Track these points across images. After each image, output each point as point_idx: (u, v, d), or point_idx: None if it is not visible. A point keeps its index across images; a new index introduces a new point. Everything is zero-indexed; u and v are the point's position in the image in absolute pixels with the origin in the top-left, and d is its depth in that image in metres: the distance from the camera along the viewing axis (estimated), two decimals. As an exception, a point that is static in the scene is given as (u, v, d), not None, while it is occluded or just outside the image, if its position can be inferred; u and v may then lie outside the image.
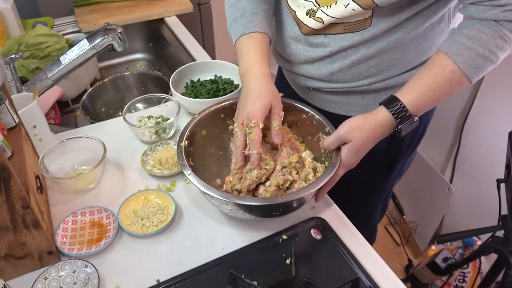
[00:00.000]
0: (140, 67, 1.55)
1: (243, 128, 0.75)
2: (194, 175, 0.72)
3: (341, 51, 0.82)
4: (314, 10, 0.79)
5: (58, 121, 1.18)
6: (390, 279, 0.70)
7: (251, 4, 0.85)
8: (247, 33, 0.82)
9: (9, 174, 0.59)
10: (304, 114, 0.84)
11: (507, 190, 1.13)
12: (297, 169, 0.78)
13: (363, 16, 0.76)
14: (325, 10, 0.77)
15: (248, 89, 0.77)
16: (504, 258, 1.12)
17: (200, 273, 0.71)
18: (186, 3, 1.59)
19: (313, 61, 0.87)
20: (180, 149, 0.77)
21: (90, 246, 0.75)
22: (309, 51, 0.86)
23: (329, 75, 0.86)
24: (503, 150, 1.23)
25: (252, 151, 0.74)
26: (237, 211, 0.72)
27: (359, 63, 0.82)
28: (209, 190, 0.69)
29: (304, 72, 0.90)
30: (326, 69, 0.85)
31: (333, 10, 0.75)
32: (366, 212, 1.14)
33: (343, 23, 0.78)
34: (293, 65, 0.92)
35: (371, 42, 0.79)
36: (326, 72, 0.86)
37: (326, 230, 0.77)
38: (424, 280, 1.56)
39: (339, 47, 0.81)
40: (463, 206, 1.66)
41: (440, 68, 0.71)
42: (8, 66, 1.00)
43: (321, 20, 0.78)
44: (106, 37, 1.04)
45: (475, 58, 0.69)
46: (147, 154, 0.93)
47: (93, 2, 1.55)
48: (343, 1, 0.73)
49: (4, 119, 0.75)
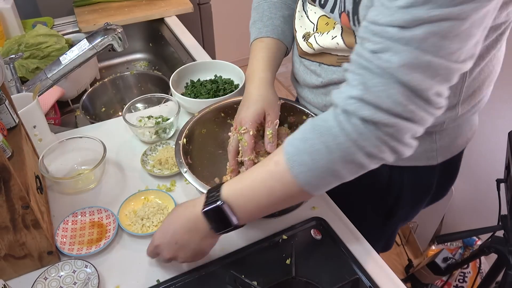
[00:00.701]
0: (140, 67, 1.55)
1: (235, 134, 0.76)
2: (190, 173, 0.72)
3: (332, 85, 0.76)
4: (309, 34, 0.76)
5: (58, 121, 1.18)
6: (390, 279, 0.70)
7: (270, 9, 0.85)
8: (260, 37, 0.83)
9: (9, 174, 0.59)
10: (305, 115, 0.84)
11: (507, 190, 1.13)
12: None
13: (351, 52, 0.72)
14: (317, 36, 0.74)
15: (246, 94, 0.78)
16: (504, 258, 1.12)
17: (200, 273, 0.71)
18: (186, 3, 1.59)
19: (310, 87, 0.83)
20: (178, 147, 0.77)
21: (90, 246, 0.75)
22: (306, 75, 0.82)
23: (323, 107, 0.81)
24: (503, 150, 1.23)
25: (244, 158, 0.76)
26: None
27: None
28: (204, 189, 0.69)
29: (305, 97, 0.86)
30: (321, 99, 0.81)
31: (323, 38, 0.72)
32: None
33: (337, 55, 0.73)
34: (298, 85, 0.89)
35: None
36: (321, 103, 0.81)
37: (326, 230, 0.77)
38: (424, 280, 1.56)
39: (329, 80, 0.76)
40: (463, 206, 1.66)
41: (270, 156, 0.60)
42: (8, 66, 1.00)
43: (311, 46, 0.76)
44: (106, 37, 1.04)
45: (302, 152, 0.55)
46: (147, 154, 0.93)
47: (93, 2, 1.55)
48: (333, 33, 0.70)
49: (4, 119, 0.75)
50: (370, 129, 0.52)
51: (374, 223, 0.94)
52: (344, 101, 0.53)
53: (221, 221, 0.61)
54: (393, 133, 0.52)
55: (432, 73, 0.49)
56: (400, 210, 0.91)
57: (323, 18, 0.73)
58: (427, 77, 0.49)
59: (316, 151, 0.55)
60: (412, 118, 0.52)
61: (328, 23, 0.72)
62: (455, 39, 0.47)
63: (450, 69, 0.50)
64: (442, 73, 0.50)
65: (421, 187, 0.87)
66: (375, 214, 0.93)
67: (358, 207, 0.87)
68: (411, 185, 0.85)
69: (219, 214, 0.60)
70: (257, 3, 0.88)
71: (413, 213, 0.96)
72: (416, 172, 0.82)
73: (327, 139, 0.54)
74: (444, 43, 0.47)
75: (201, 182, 0.70)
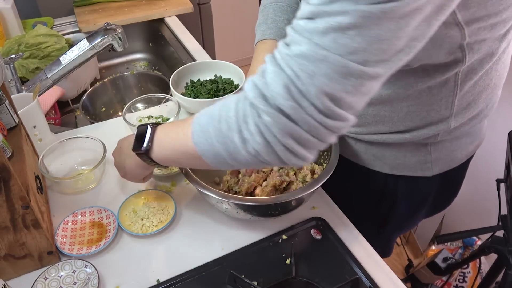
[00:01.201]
0: (140, 67, 1.55)
1: None
2: (190, 173, 0.72)
3: None
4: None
5: (58, 121, 1.18)
6: (390, 279, 0.70)
7: (275, 12, 0.86)
8: (263, 39, 0.83)
9: (9, 174, 0.59)
10: None
11: (507, 190, 1.13)
12: (294, 171, 0.79)
13: None
14: None
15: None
16: (504, 258, 1.12)
17: (200, 273, 0.71)
18: (186, 3, 1.59)
19: None
20: None
21: (90, 246, 0.75)
22: None
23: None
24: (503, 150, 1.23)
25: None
26: (232, 210, 0.72)
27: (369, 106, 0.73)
28: (204, 189, 0.69)
29: None
30: None
31: None
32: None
33: None
34: None
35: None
36: None
37: (326, 230, 0.77)
38: (424, 280, 1.56)
39: None
40: (463, 206, 1.66)
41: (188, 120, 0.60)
42: (8, 66, 1.00)
43: None
44: (106, 37, 1.04)
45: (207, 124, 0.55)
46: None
47: (93, 2, 1.55)
48: None
49: (4, 119, 0.75)
50: (252, 113, 0.49)
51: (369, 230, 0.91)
52: (247, 82, 0.52)
53: (139, 139, 0.66)
54: (268, 124, 0.48)
55: (327, 70, 0.44)
56: (394, 219, 0.90)
57: None
58: (319, 74, 0.45)
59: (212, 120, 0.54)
60: (292, 116, 0.47)
61: None
62: (356, 38, 0.43)
63: (348, 68, 0.44)
64: (338, 72, 0.44)
65: (417, 197, 0.86)
66: (370, 222, 0.91)
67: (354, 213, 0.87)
68: (407, 194, 0.84)
69: (142, 133, 0.65)
70: (263, 6, 0.89)
71: (409, 223, 0.94)
72: (411, 182, 0.81)
73: (222, 109, 0.53)
74: (345, 41, 0.43)
75: (201, 182, 0.70)
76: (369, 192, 0.86)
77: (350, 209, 0.83)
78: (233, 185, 0.79)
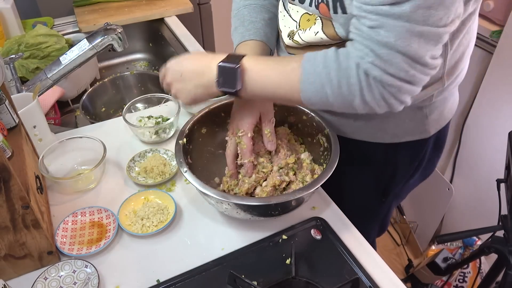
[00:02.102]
0: (140, 67, 1.55)
1: (233, 138, 0.78)
2: (190, 173, 0.72)
3: None
4: (293, 32, 0.78)
5: (58, 121, 1.18)
6: (390, 279, 0.70)
7: (250, 14, 0.86)
8: (243, 41, 0.84)
9: (9, 174, 0.59)
10: (305, 115, 0.84)
11: (507, 190, 1.13)
12: (294, 170, 0.79)
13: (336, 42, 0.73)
14: (301, 33, 0.76)
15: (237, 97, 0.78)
16: (504, 258, 1.12)
17: (200, 273, 0.71)
18: (186, 3, 1.59)
19: None
20: (179, 146, 0.77)
21: (90, 246, 0.75)
22: None
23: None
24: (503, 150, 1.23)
25: (244, 160, 0.77)
26: (232, 210, 0.72)
27: None
28: (204, 189, 0.69)
29: None
30: None
31: (306, 35, 0.75)
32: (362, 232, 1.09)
33: (325, 45, 0.74)
34: None
35: None
36: None
37: (326, 230, 0.77)
38: (424, 280, 1.56)
39: None
40: (463, 206, 1.66)
41: (290, 59, 0.68)
42: (8, 66, 1.00)
43: (297, 43, 0.78)
44: (106, 37, 1.04)
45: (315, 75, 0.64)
46: (134, 160, 0.92)
47: (93, 2, 1.55)
48: (314, 29, 0.73)
49: (4, 119, 0.75)
50: (377, 85, 0.60)
51: (370, 203, 0.98)
52: (360, 59, 0.60)
53: (228, 80, 0.68)
54: (395, 93, 0.61)
55: (425, 40, 0.57)
56: (395, 187, 0.95)
57: (305, 16, 0.75)
58: (421, 45, 0.57)
59: (328, 80, 0.62)
60: (413, 81, 0.60)
61: (309, 19, 0.74)
62: (440, 7, 0.54)
63: (439, 33, 0.57)
64: (434, 38, 0.57)
65: (414, 161, 0.91)
66: (371, 194, 0.96)
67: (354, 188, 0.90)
68: (405, 160, 0.89)
69: (230, 73, 0.67)
70: (236, 10, 0.89)
71: (406, 189, 1.01)
72: (410, 147, 0.86)
73: (342, 75, 0.61)
74: (431, 13, 0.55)
75: (201, 182, 0.70)
76: (370, 164, 0.90)
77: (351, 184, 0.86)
78: (233, 186, 0.80)
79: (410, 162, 0.91)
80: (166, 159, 0.91)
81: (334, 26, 0.69)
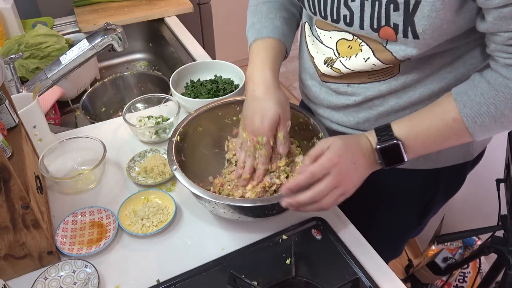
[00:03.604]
0: (140, 67, 1.55)
1: (254, 144, 0.74)
2: (179, 171, 0.72)
3: (367, 101, 0.75)
4: (332, 60, 0.74)
5: (58, 121, 1.18)
6: (390, 279, 0.70)
7: (269, 10, 0.83)
8: (260, 37, 0.80)
9: (9, 174, 0.59)
10: (301, 118, 0.83)
11: (507, 190, 1.13)
12: (287, 173, 0.78)
13: (387, 66, 0.69)
14: (344, 61, 0.72)
15: (255, 99, 0.74)
16: (504, 258, 1.12)
17: (200, 273, 0.71)
18: (186, 3, 1.59)
19: (338, 108, 0.80)
20: (171, 144, 0.77)
21: (90, 246, 0.75)
22: (333, 97, 0.79)
23: (355, 124, 0.80)
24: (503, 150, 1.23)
25: (260, 166, 0.75)
26: (218, 210, 0.72)
27: (388, 114, 0.75)
28: (191, 186, 0.69)
29: (329, 117, 0.83)
30: (352, 117, 0.79)
31: (353, 63, 0.70)
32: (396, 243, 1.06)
33: (367, 72, 0.72)
34: (318, 107, 0.85)
35: (401, 92, 0.72)
36: (352, 121, 0.80)
37: (326, 230, 0.77)
38: (424, 280, 1.56)
39: (364, 97, 0.74)
40: (463, 206, 1.66)
41: (443, 111, 0.65)
42: (8, 66, 1.00)
43: (339, 71, 0.73)
44: (106, 37, 1.04)
45: (483, 116, 0.61)
46: (134, 160, 0.91)
47: (93, 2, 1.55)
48: (363, 55, 0.68)
49: (4, 119, 0.75)
50: None
51: (408, 222, 0.96)
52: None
53: (394, 157, 0.66)
54: None
55: None
56: (435, 207, 0.93)
57: (342, 42, 0.71)
58: None
59: (501, 114, 0.61)
60: None
61: (351, 46, 0.70)
62: None
63: None
64: None
65: (455, 184, 0.90)
66: (409, 215, 0.94)
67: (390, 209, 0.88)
68: (446, 185, 0.87)
69: (394, 151, 0.65)
70: (254, 6, 0.86)
71: (444, 205, 0.99)
72: (451, 171, 0.83)
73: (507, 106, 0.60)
74: None
75: (189, 180, 0.70)
76: (408, 189, 0.88)
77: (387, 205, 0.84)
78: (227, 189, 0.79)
79: (452, 185, 0.89)
80: (166, 159, 0.91)
81: (391, 50, 0.65)
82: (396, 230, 0.98)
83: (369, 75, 0.72)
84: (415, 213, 0.93)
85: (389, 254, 0.78)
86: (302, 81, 0.88)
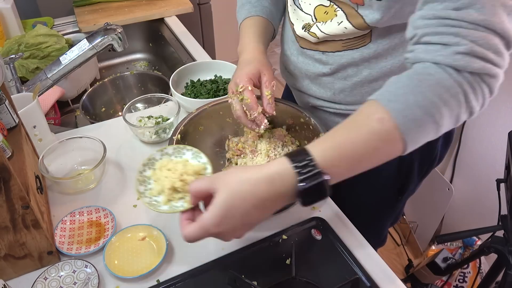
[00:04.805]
0: (140, 67, 1.55)
1: (234, 96, 0.75)
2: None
3: (341, 70, 0.79)
4: (310, 25, 0.78)
5: (58, 121, 1.18)
6: (390, 279, 0.70)
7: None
8: (249, 16, 0.86)
9: (9, 174, 0.59)
10: (302, 118, 0.83)
11: (507, 190, 1.13)
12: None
13: (359, 33, 0.72)
14: (320, 26, 0.75)
15: (239, 62, 0.79)
16: (504, 258, 1.12)
17: (200, 273, 0.71)
18: (186, 3, 1.59)
19: (315, 78, 0.84)
20: (172, 142, 0.77)
21: (88, 245, 0.75)
22: (310, 65, 0.83)
23: (331, 96, 0.84)
24: (503, 150, 1.23)
25: (253, 114, 0.74)
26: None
27: (362, 85, 0.79)
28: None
29: (307, 90, 0.88)
30: (329, 89, 0.83)
31: (327, 26, 0.74)
32: (378, 227, 1.08)
33: (341, 40, 0.75)
34: (297, 80, 0.90)
35: (373, 62, 0.75)
36: (329, 93, 0.83)
37: (326, 230, 0.77)
38: (424, 280, 1.56)
39: (339, 65, 0.78)
40: (463, 206, 1.66)
41: (366, 116, 0.55)
42: (8, 66, 1.00)
43: (315, 35, 0.77)
44: (106, 37, 1.04)
45: (412, 107, 0.52)
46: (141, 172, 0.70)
47: (93, 2, 1.55)
48: (337, 19, 0.72)
49: (4, 119, 0.75)
50: (477, 81, 0.53)
51: (386, 201, 0.99)
52: (450, 57, 0.52)
53: (317, 195, 0.53)
54: (491, 84, 0.54)
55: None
56: (411, 184, 0.95)
57: (319, 8, 0.75)
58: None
59: (431, 103, 0.52)
60: (504, 66, 0.54)
61: (327, 11, 0.74)
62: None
63: None
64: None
65: (428, 159, 0.92)
66: (387, 193, 0.96)
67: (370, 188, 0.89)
68: (420, 159, 0.89)
69: (319, 188, 0.52)
70: None
71: (419, 184, 1.00)
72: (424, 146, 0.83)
73: (440, 91, 0.52)
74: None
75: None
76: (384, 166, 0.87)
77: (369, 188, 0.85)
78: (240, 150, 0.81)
79: (424, 160, 0.92)
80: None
81: (362, 15, 0.68)
82: (376, 213, 1.01)
83: (343, 43, 0.75)
84: (393, 193, 0.96)
85: (374, 241, 0.77)
86: (284, 51, 0.92)
